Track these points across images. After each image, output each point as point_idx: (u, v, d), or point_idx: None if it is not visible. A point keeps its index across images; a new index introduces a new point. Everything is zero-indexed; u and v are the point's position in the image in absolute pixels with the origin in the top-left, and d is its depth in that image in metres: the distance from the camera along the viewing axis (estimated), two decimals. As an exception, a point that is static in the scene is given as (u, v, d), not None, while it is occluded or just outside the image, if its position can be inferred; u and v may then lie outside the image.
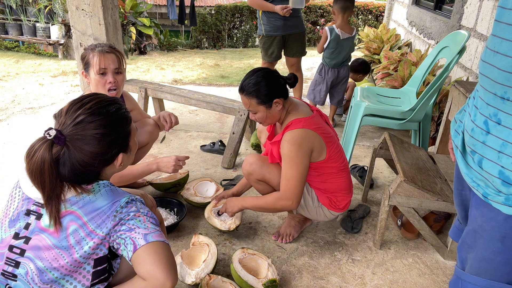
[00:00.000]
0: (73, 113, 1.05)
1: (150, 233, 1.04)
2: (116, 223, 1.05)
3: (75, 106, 1.06)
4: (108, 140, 1.07)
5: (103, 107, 1.08)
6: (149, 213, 1.10)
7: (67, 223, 1.05)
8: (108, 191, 1.10)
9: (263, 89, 1.65)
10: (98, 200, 1.07)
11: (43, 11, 7.05)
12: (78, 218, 1.05)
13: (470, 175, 0.98)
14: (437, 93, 2.47)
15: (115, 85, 1.91)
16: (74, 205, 1.05)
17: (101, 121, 1.06)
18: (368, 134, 3.44)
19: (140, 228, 1.04)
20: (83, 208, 1.06)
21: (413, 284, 1.73)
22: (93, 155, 1.05)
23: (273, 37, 3.44)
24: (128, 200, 1.09)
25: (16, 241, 1.07)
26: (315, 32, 9.45)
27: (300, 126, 1.65)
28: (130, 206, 1.08)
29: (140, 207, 1.10)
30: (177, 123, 2.23)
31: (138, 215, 1.07)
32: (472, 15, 3.03)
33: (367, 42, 5.15)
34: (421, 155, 2.07)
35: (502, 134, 0.87)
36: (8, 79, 5.15)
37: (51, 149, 1.00)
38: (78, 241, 1.05)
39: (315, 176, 1.78)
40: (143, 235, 1.03)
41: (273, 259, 1.84)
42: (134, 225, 1.05)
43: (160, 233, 1.06)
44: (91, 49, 1.89)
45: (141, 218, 1.07)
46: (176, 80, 5.47)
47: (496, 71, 0.87)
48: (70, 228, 1.05)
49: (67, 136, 1.02)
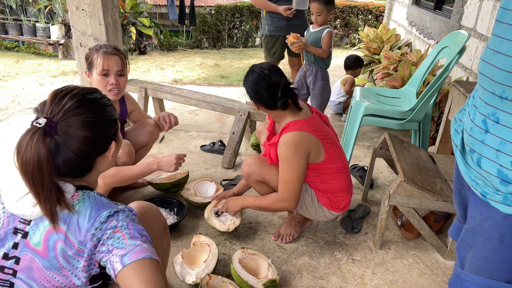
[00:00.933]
0: (59, 100, 0.99)
1: (127, 252, 0.93)
2: (95, 244, 0.96)
3: (61, 94, 1.01)
4: (101, 124, 1.03)
5: (89, 93, 1.04)
6: (130, 224, 0.98)
7: (54, 242, 0.96)
8: (93, 203, 1.00)
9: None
10: (81, 213, 0.98)
11: (43, 11, 7.05)
12: (64, 235, 0.97)
13: (469, 174, 0.98)
14: (437, 93, 2.48)
15: (117, 86, 1.91)
16: (60, 221, 0.97)
17: (90, 106, 1.01)
18: (368, 134, 3.44)
19: (117, 249, 0.94)
20: (67, 224, 0.97)
21: (413, 284, 1.73)
22: (87, 141, 0.99)
23: (276, 37, 3.43)
24: (109, 213, 0.98)
25: (7, 261, 1.00)
26: (315, 32, 9.45)
27: (297, 129, 1.65)
28: (110, 220, 0.97)
29: (121, 219, 0.98)
30: (177, 123, 2.23)
31: (117, 230, 0.96)
32: (472, 15, 3.03)
33: (367, 42, 5.15)
34: (421, 155, 2.07)
35: (500, 133, 0.88)
36: (8, 79, 5.15)
37: (44, 140, 0.93)
38: (68, 260, 0.97)
39: (314, 177, 1.78)
40: (119, 257, 0.92)
41: (273, 259, 1.84)
42: (112, 245, 0.94)
43: (140, 248, 0.94)
44: (96, 50, 1.89)
45: (119, 235, 0.95)
46: (176, 80, 5.47)
47: (495, 70, 0.87)
48: (58, 247, 0.96)
49: (58, 123, 0.96)
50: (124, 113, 2.18)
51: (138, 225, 1.01)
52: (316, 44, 2.94)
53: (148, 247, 0.96)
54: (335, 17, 9.52)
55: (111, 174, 1.93)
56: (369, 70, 4.74)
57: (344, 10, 9.47)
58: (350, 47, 9.00)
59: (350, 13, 9.51)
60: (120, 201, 2.27)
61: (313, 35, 3.00)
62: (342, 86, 3.85)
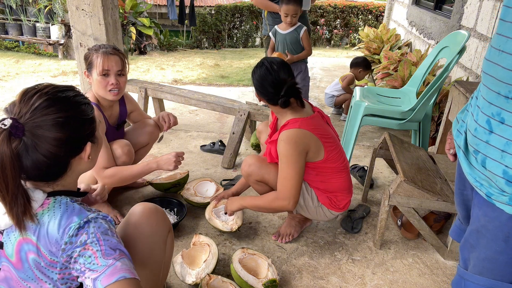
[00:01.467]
0: (28, 99, 0.92)
1: (99, 276, 0.86)
2: (67, 260, 0.91)
3: (30, 93, 0.93)
4: (73, 124, 0.95)
5: (61, 91, 0.97)
6: (101, 239, 0.90)
7: (26, 253, 0.92)
8: (63, 210, 0.93)
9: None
10: (50, 222, 0.91)
11: (43, 11, 7.05)
12: (35, 247, 0.92)
13: (473, 175, 0.97)
14: (437, 93, 2.47)
15: (117, 86, 1.91)
16: (29, 231, 0.92)
17: (61, 105, 0.94)
18: (368, 134, 3.44)
19: (89, 271, 0.88)
20: (37, 234, 0.92)
21: (413, 284, 1.73)
22: (58, 142, 0.92)
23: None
24: (79, 224, 0.91)
25: None
26: (315, 32, 9.45)
27: (296, 126, 1.65)
28: (80, 234, 0.90)
29: (91, 231, 0.91)
30: (176, 123, 2.23)
31: (87, 247, 0.89)
32: (472, 15, 3.03)
33: (367, 42, 5.15)
34: (421, 155, 2.07)
35: (506, 133, 0.87)
36: (8, 79, 5.15)
37: (10, 142, 0.87)
38: (43, 272, 0.92)
39: (314, 176, 1.78)
40: (92, 281, 0.86)
41: (273, 259, 1.84)
42: (84, 265, 0.88)
43: (112, 269, 0.87)
44: (95, 50, 1.89)
45: (90, 253, 0.88)
46: (176, 80, 5.47)
47: (500, 70, 0.86)
48: (30, 258, 0.92)
49: (25, 124, 0.90)
50: (123, 113, 2.18)
51: (111, 238, 0.93)
52: (296, 44, 3.05)
53: (122, 265, 0.89)
54: (335, 17, 9.52)
55: (110, 174, 1.93)
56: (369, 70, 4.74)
57: (344, 10, 9.47)
58: (350, 47, 9.00)
59: (350, 13, 9.51)
60: (120, 201, 2.27)
61: (290, 36, 3.04)
62: (340, 81, 3.85)
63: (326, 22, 9.38)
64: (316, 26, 9.43)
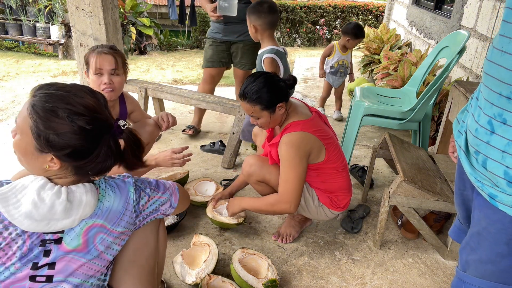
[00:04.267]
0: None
1: (170, 201, 1.21)
2: (143, 217, 1.15)
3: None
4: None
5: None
6: (152, 189, 1.16)
7: (94, 235, 1.03)
8: (114, 188, 1.09)
9: (266, 95, 1.62)
10: (112, 202, 1.07)
11: (43, 11, 7.04)
12: (101, 227, 1.04)
13: (475, 175, 0.97)
14: (437, 93, 2.48)
15: (110, 86, 1.91)
16: (94, 218, 1.03)
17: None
18: (368, 134, 3.44)
19: (162, 205, 1.19)
20: (104, 217, 1.04)
21: (413, 284, 1.73)
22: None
23: (212, 40, 3.04)
24: (132, 191, 1.11)
25: (37, 270, 0.98)
26: (315, 32, 9.45)
27: (299, 129, 1.65)
28: (140, 197, 1.13)
29: (143, 188, 1.14)
30: (175, 123, 2.23)
31: (151, 198, 1.15)
32: (472, 15, 3.03)
33: (367, 42, 5.15)
34: (421, 155, 2.07)
35: (507, 134, 0.86)
36: (8, 79, 5.15)
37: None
38: (107, 246, 1.06)
39: (314, 177, 1.78)
40: (168, 207, 1.21)
41: (273, 259, 1.84)
42: (156, 206, 1.17)
43: (172, 192, 1.22)
44: (92, 50, 1.91)
45: (155, 199, 1.17)
46: (176, 80, 5.47)
47: (503, 70, 0.86)
48: (97, 238, 1.04)
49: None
50: (124, 113, 2.18)
51: (151, 181, 1.19)
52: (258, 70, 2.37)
53: (170, 187, 1.23)
54: (335, 17, 9.51)
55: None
56: (369, 70, 4.74)
57: (344, 10, 9.46)
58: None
59: (350, 13, 9.51)
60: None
61: (258, 59, 2.36)
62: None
63: (326, 22, 9.37)
64: (316, 26, 9.42)
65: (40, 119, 0.93)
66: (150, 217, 1.18)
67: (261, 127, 1.76)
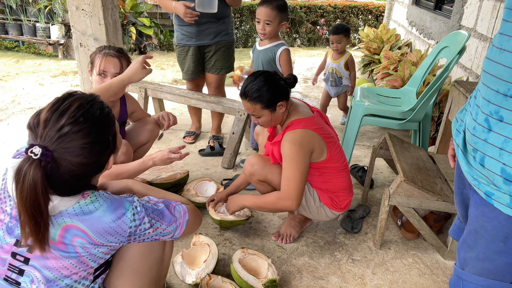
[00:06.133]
0: (54, 123, 0.95)
1: (173, 234, 1.17)
2: (132, 235, 1.08)
3: (55, 114, 0.95)
4: (98, 147, 1.01)
5: (86, 111, 0.99)
6: (156, 218, 1.11)
7: (71, 238, 0.99)
8: (106, 199, 1.04)
9: (266, 93, 1.63)
10: (99, 212, 1.01)
11: (43, 11, 7.04)
12: (83, 233, 1.00)
13: (472, 173, 0.97)
14: (437, 93, 2.47)
15: None
16: (73, 218, 0.99)
17: (87, 129, 0.98)
18: (368, 134, 3.43)
19: (163, 236, 1.15)
20: (85, 222, 1.00)
21: (413, 284, 1.73)
22: (85, 167, 0.99)
23: (187, 47, 2.76)
24: (132, 212, 1.05)
25: (19, 248, 1.00)
26: (315, 32, 9.45)
27: (301, 127, 1.65)
28: (139, 219, 1.07)
29: (146, 214, 1.08)
30: (175, 123, 2.23)
31: (154, 229, 1.10)
32: (472, 15, 3.03)
33: (367, 42, 5.15)
34: (421, 155, 2.07)
35: (504, 131, 0.87)
36: (8, 79, 5.15)
37: (41, 167, 0.91)
38: (90, 253, 1.03)
39: (316, 176, 1.78)
40: (170, 238, 1.18)
41: (273, 259, 1.84)
42: (157, 235, 1.13)
43: (178, 223, 1.17)
44: (99, 50, 1.92)
45: (159, 230, 1.12)
46: (176, 80, 5.47)
47: (501, 68, 0.87)
48: (76, 241, 1.00)
49: (54, 151, 0.93)
50: (124, 113, 2.18)
51: (158, 208, 1.14)
52: (270, 67, 2.35)
53: (179, 215, 1.18)
54: (335, 17, 9.51)
55: (107, 173, 1.92)
56: (369, 70, 4.74)
57: (344, 10, 9.47)
58: (350, 47, 9.00)
59: (350, 13, 9.51)
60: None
61: (263, 54, 2.36)
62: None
63: (326, 22, 9.38)
64: (316, 26, 9.42)
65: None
66: (146, 239, 1.13)
67: (262, 126, 1.77)
